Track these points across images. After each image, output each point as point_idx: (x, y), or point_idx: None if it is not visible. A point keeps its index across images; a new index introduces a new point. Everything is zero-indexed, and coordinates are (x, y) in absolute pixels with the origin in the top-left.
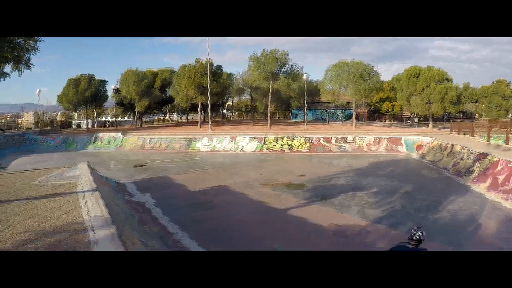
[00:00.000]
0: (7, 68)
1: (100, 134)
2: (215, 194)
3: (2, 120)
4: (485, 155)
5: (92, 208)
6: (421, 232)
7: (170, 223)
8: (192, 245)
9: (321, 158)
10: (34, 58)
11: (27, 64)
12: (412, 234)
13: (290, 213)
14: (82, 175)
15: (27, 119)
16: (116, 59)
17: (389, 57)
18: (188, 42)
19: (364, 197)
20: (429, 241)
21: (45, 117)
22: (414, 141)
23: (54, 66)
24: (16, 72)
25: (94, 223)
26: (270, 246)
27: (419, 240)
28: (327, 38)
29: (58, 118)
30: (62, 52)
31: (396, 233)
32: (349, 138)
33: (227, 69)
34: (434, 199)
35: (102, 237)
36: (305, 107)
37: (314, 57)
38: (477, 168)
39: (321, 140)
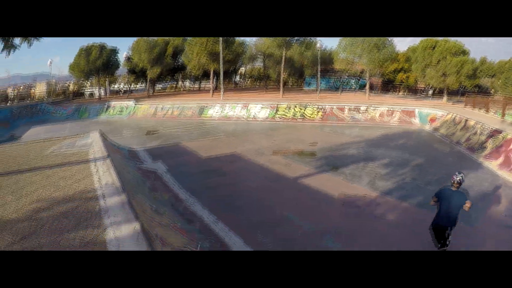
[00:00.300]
0: (17, 41)
1: (112, 102)
2: (227, 161)
3: (15, 91)
4: (499, 131)
5: (103, 176)
6: (461, 176)
7: (181, 190)
8: (203, 212)
9: (333, 127)
10: None
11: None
12: (454, 178)
13: (301, 181)
14: (94, 144)
15: (39, 89)
16: None
17: None
18: None
19: (375, 168)
20: None
21: (57, 87)
22: (427, 114)
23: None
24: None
25: (105, 191)
26: (280, 214)
27: (460, 183)
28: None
29: (71, 87)
30: None
31: (406, 205)
32: (362, 108)
33: (238, 38)
34: (445, 173)
35: (113, 205)
36: (318, 76)
37: None
38: (490, 145)
39: (334, 109)
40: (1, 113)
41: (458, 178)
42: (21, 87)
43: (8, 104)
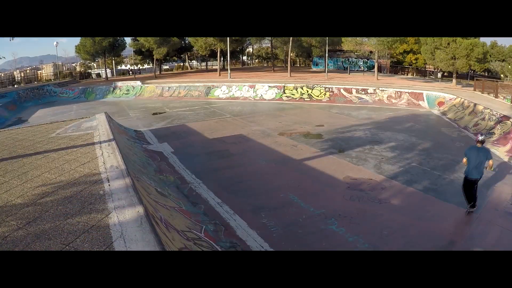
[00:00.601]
0: None
1: (119, 83)
2: (233, 143)
3: (22, 74)
4: (507, 117)
5: (108, 159)
6: (484, 136)
7: (186, 172)
8: (208, 194)
9: (340, 109)
10: None
11: None
12: (478, 138)
13: (306, 163)
14: (99, 126)
15: (46, 71)
16: None
17: None
18: None
19: (381, 151)
20: (444, 201)
21: (64, 69)
22: (436, 97)
23: None
24: None
25: (110, 174)
26: (285, 197)
27: (483, 142)
28: None
29: (77, 69)
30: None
31: (411, 190)
32: (370, 90)
33: None
34: (451, 158)
35: (117, 189)
36: (326, 56)
37: None
38: (498, 131)
39: (342, 90)
40: (8, 96)
41: (481, 138)
42: (28, 70)
43: (15, 87)
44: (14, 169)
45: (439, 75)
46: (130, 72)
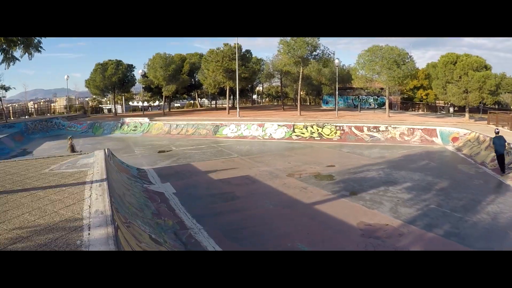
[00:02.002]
0: (17, 53)
1: (127, 119)
2: (238, 184)
3: (36, 106)
4: None
5: (95, 202)
6: (498, 129)
7: (187, 215)
8: (208, 242)
9: (352, 148)
10: (65, 44)
11: (37, 48)
12: (496, 131)
13: (316, 207)
14: (95, 164)
15: (60, 104)
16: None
17: (423, 44)
18: None
19: (397, 192)
20: (467, 246)
21: (77, 103)
22: (449, 132)
23: (86, 52)
24: (47, 58)
25: (93, 220)
26: (291, 246)
27: (498, 132)
28: None
29: (90, 103)
30: (94, 39)
31: (431, 236)
32: (382, 127)
33: (258, 54)
34: (471, 198)
35: (96, 239)
36: (336, 94)
37: (346, 43)
38: None
39: (353, 129)
40: (16, 127)
41: (497, 130)
42: (42, 102)
43: (26, 117)
44: None
45: (451, 109)
46: (147, 109)
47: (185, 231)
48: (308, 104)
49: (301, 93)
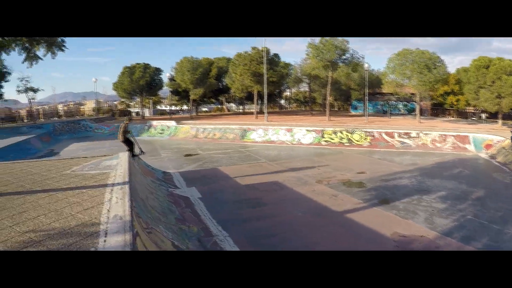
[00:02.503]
0: (40, 52)
1: (154, 122)
2: (266, 190)
3: (65, 108)
4: None
5: (114, 206)
6: None
7: (212, 222)
8: (233, 250)
9: (382, 154)
10: (94, 49)
11: (60, 47)
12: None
13: (347, 216)
14: (118, 166)
15: (88, 107)
16: (175, 50)
17: (452, 49)
18: None
19: (431, 202)
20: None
21: (105, 106)
22: (483, 139)
23: (115, 57)
24: (76, 62)
25: (110, 226)
26: None
27: None
28: None
29: (118, 106)
30: (123, 44)
31: (470, 249)
32: (413, 134)
33: (286, 59)
34: (510, 208)
35: (112, 247)
36: (366, 99)
37: (374, 48)
38: None
39: (383, 135)
40: (44, 128)
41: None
42: (71, 104)
43: (55, 119)
44: (12, 206)
45: (484, 116)
46: (169, 112)
47: (210, 238)
48: (336, 109)
49: (329, 98)
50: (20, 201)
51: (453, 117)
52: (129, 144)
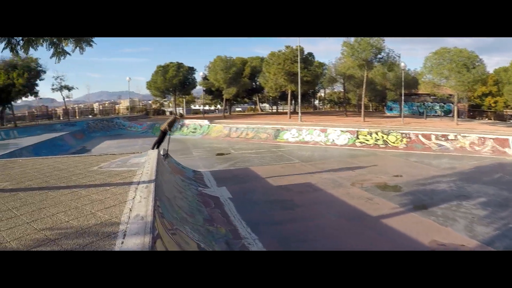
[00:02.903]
0: (69, 48)
1: (187, 121)
2: (299, 192)
3: (100, 107)
4: None
5: (137, 206)
6: None
7: (242, 223)
8: None
9: (419, 157)
10: (129, 49)
11: (89, 42)
12: None
13: (383, 221)
14: (146, 163)
15: (123, 105)
16: (209, 50)
17: (488, 50)
18: None
19: (471, 208)
20: None
21: (140, 105)
22: None
23: (150, 57)
24: (112, 63)
25: (130, 226)
26: None
27: None
28: None
29: (153, 106)
30: (159, 44)
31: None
32: (451, 136)
33: (320, 59)
34: None
35: (130, 248)
36: (402, 99)
37: (408, 49)
38: None
39: (420, 137)
40: (77, 125)
41: None
42: (107, 103)
43: (90, 117)
44: (33, 202)
45: None
46: (202, 111)
47: (239, 241)
48: (370, 111)
49: (364, 98)
50: (42, 196)
51: (490, 119)
52: (162, 137)
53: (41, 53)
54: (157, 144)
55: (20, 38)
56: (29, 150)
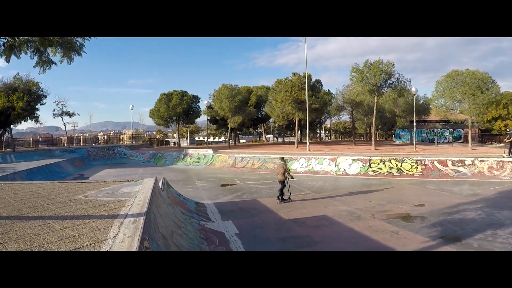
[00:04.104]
0: (57, 58)
1: (190, 151)
2: (315, 226)
3: (105, 136)
4: None
5: (118, 246)
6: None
7: None
8: None
9: (437, 184)
10: (134, 80)
11: (79, 52)
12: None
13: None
14: (139, 192)
15: (128, 135)
16: (214, 80)
17: (493, 74)
18: (282, 66)
19: (508, 238)
20: None
21: (145, 135)
22: None
23: (154, 88)
24: (117, 93)
25: None
26: None
27: None
28: (421, 58)
29: (157, 136)
30: (163, 75)
31: None
32: (468, 161)
33: (324, 88)
34: None
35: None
36: (414, 125)
37: (411, 79)
38: None
39: (435, 163)
40: (77, 152)
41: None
42: (111, 133)
43: (93, 145)
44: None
45: None
46: (206, 142)
47: None
48: (378, 139)
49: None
50: (6, 228)
51: (501, 143)
52: (283, 186)
53: (43, 77)
54: (281, 193)
55: (2, 43)
56: (22, 175)
